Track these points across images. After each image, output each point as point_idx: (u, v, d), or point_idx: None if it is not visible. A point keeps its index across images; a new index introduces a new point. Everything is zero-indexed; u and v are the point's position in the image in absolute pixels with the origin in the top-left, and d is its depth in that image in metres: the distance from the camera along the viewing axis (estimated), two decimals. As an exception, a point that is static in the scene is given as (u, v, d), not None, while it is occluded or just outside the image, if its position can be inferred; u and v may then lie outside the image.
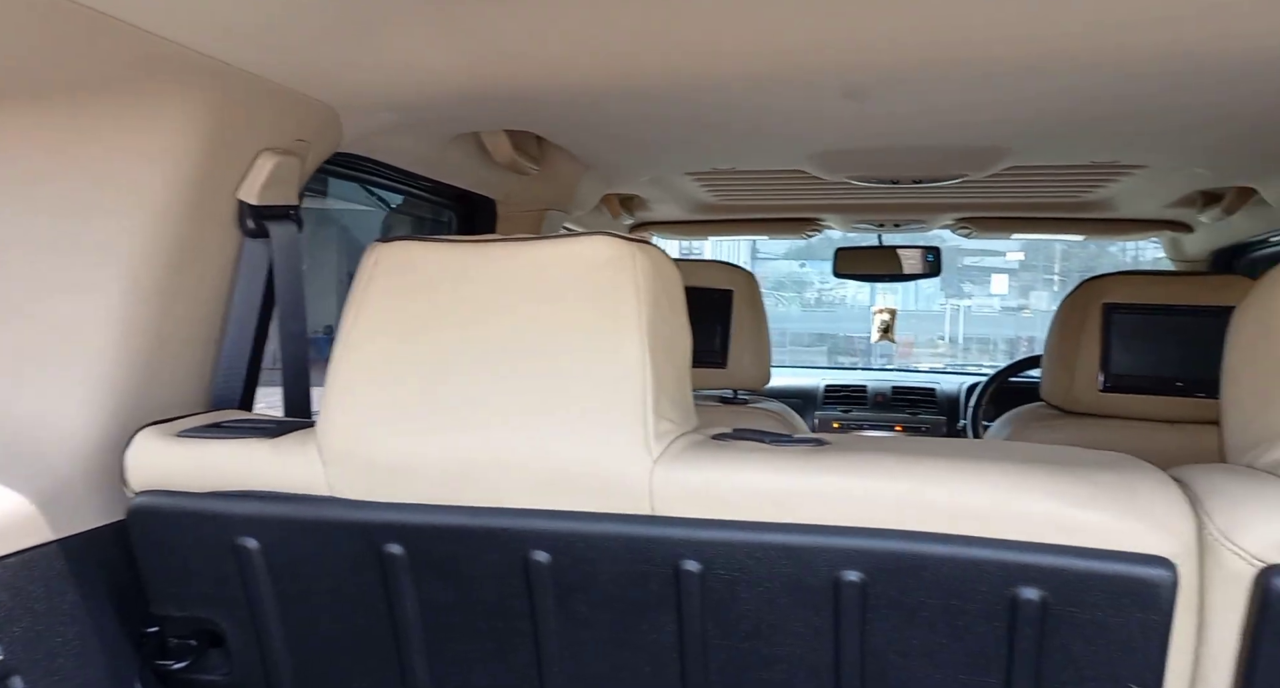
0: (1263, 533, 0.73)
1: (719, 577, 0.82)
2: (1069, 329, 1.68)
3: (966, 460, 0.82)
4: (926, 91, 1.19)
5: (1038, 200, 2.25)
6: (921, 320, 10.21)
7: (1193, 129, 1.42)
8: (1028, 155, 1.66)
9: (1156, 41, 0.98)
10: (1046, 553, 0.76)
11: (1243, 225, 2.11)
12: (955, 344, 10.13)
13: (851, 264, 2.68)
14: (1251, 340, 0.84)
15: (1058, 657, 0.78)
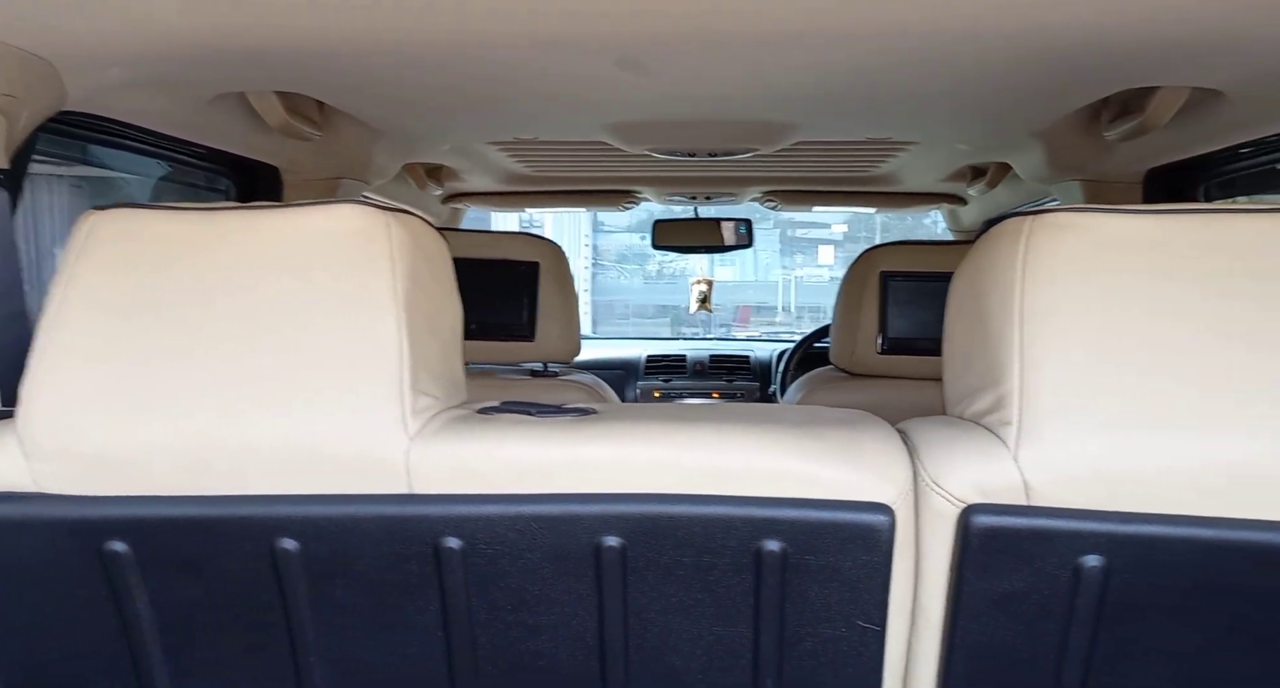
0: (963, 477, 0.81)
1: (481, 552, 0.82)
2: (851, 297, 1.81)
3: (720, 424, 0.86)
4: (703, 64, 1.23)
5: (833, 174, 2.40)
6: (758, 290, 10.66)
7: (949, 107, 1.56)
8: (814, 131, 1.76)
9: (912, 19, 1.04)
10: (787, 507, 0.81)
11: (1005, 197, 2.34)
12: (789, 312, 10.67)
13: (670, 236, 2.76)
14: (962, 302, 0.92)
15: (797, 602, 0.84)
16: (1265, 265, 0.79)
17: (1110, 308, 0.80)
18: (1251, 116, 1.40)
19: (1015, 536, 0.80)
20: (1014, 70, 1.27)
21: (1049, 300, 0.80)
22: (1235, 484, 0.76)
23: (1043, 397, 0.79)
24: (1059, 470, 0.78)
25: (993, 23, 1.05)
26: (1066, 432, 0.78)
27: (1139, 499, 0.78)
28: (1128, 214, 0.83)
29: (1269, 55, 1.13)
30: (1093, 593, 0.81)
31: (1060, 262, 0.81)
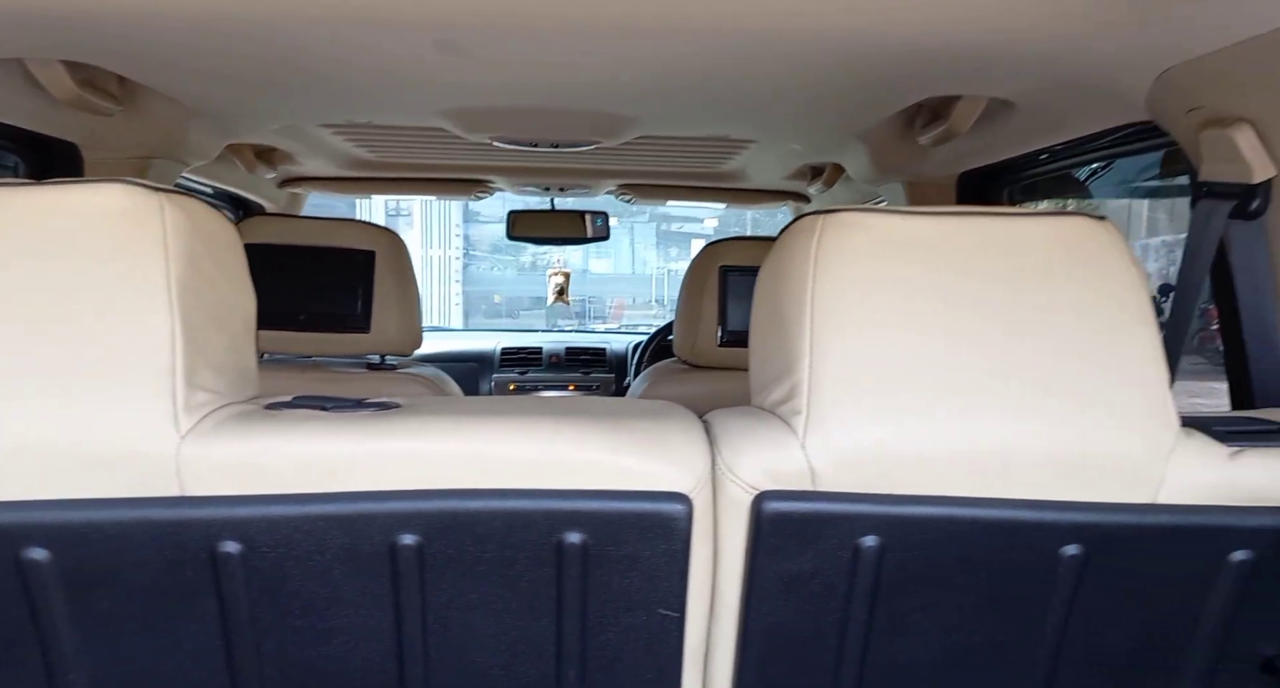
0: (756, 464, 0.83)
1: (264, 556, 0.78)
2: (693, 291, 1.85)
3: (524, 417, 0.85)
4: (532, 52, 1.22)
5: (683, 169, 2.45)
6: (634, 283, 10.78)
7: (780, 108, 1.62)
8: (655, 125, 1.79)
9: (729, 18, 1.06)
10: (588, 499, 0.81)
11: (842, 196, 2.46)
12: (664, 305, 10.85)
13: (526, 227, 2.74)
14: (763, 297, 0.95)
15: (599, 593, 0.84)
16: (1025, 262, 0.86)
17: (891, 302, 0.85)
18: (1041, 126, 1.53)
19: (801, 520, 0.83)
20: (833, 75, 1.33)
21: (837, 295, 0.84)
22: (1002, 463, 0.82)
23: (829, 386, 0.83)
24: (842, 456, 0.82)
25: (811, 27, 1.10)
26: (849, 419, 0.82)
27: (914, 480, 0.83)
28: (906, 215, 0.89)
29: (1050, 69, 1.23)
30: (869, 571, 0.85)
31: (847, 258, 0.85)
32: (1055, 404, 0.82)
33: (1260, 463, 0.83)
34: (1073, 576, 0.85)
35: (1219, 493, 0.83)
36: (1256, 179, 1.03)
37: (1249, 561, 0.84)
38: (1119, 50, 1.11)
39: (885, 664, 0.91)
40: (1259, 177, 1.03)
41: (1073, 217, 0.90)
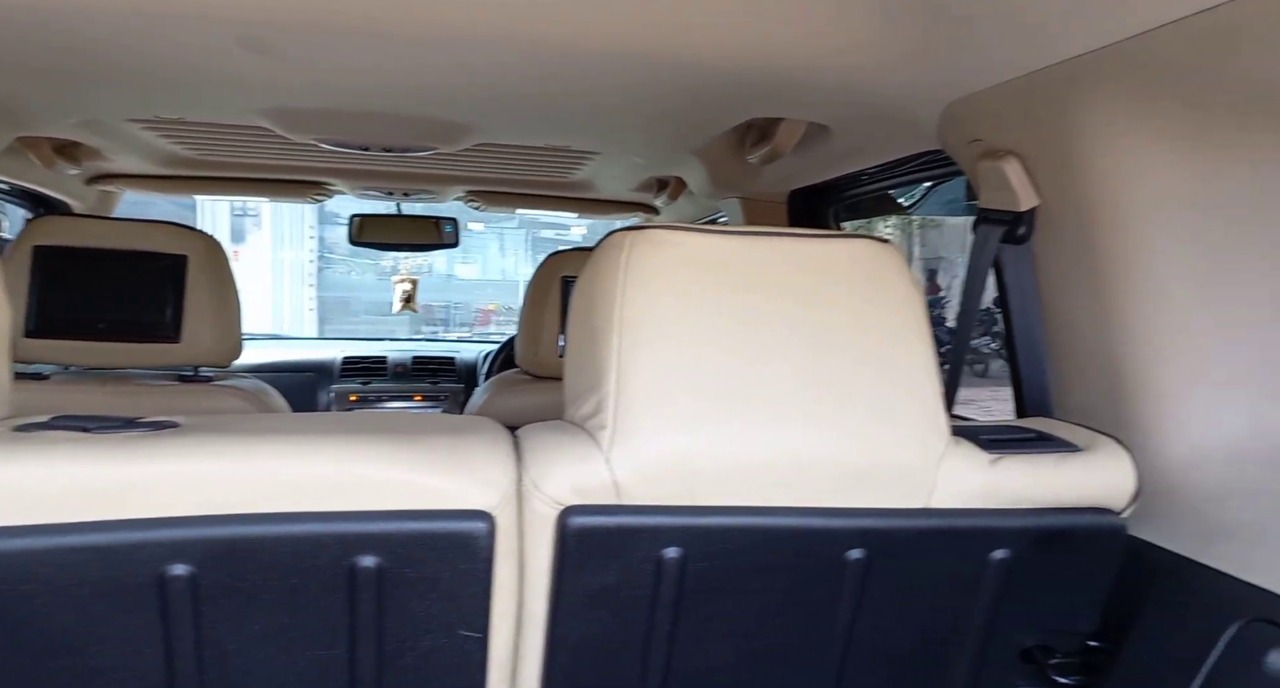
0: (562, 479, 0.83)
1: (10, 592, 0.72)
2: (536, 301, 1.85)
3: (316, 435, 0.81)
4: (349, 55, 1.18)
5: (531, 178, 2.45)
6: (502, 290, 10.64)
7: (616, 122, 1.64)
8: (494, 134, 1.77)
9: (568, 35, 1.06)
10: (384, 520, 0.79)
11: (688, 210, 2.53)
12: (533, 312, 10.76)
13: (370, 233, 2.65)
14: (577, 311, 0.95)
15: (396, 616, 0.82)
16: (818, 280, 0.91)
17: (696, 316, 0.87)
18: (855, 150, 1.63)
19: (606, 533, 0.84)
20: (662, 95, 1.36)
21: (645, 310, 0.86)
22: (797, 473, 0.86)
23: (634, 400, 0.84)
24: (646, 469, 0.84)
25: (638, 50, 1.12)
26: (653, 432, 0.84)
27: (715, 491, 0.86)
28: (710, 234, 0.92)
29: (854, 98, 1.31)
30: (672, 582, 0.87)
31: (654, 275, 0.87)
32: (847, 416, 0.87)
33: (1017, 469, 0.91)
34: (857, 578, 0.90)
35: (982, 497, 0.90)
36: (1023, 207, 1.14)
37: (1007, 559, 0.91)
38: (910, 83, 1.20)
39: (689, 670, 0.93)
40: (1025, 205, 1.13)
41: (860, 239, 0.96)
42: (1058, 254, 1.12)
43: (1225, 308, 1.00)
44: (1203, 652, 0.86)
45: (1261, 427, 0.98)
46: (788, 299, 0.89)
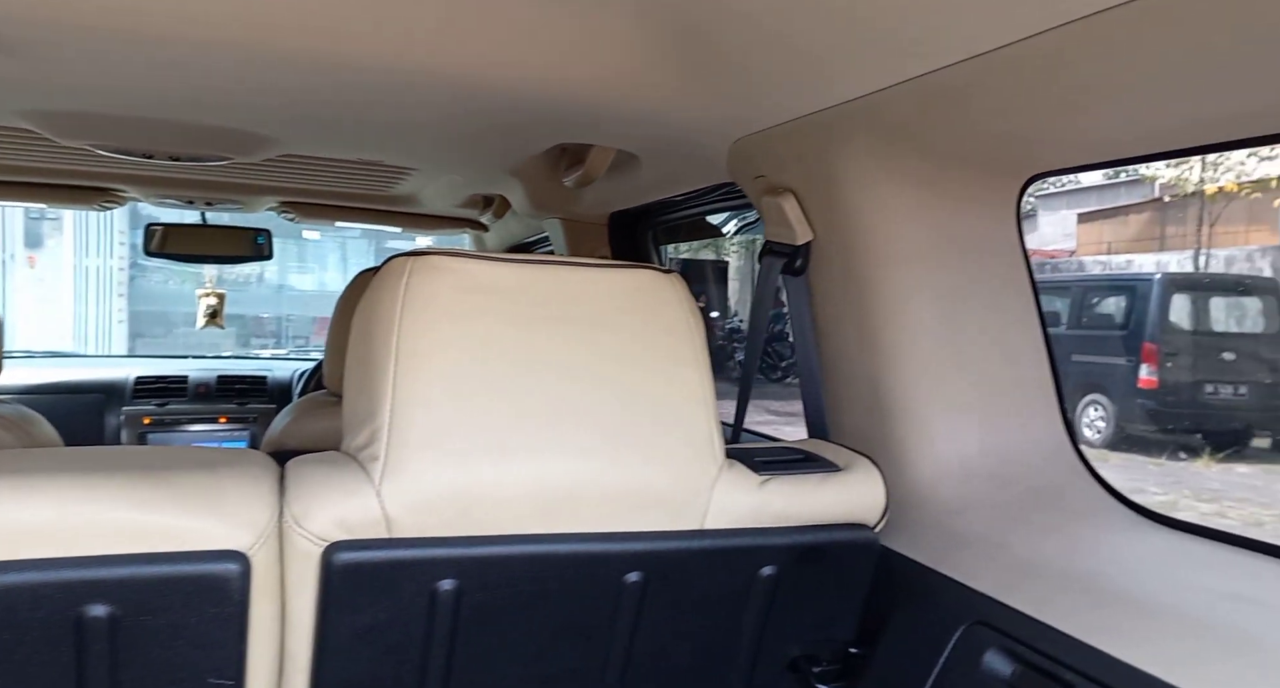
0: (328, 515, 0.80)
1: None
2: (343, 319, 1.77)
3: (36, 475, 0.74)
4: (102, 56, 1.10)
5: (351, 190, 2.36)
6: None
7: (426, 141, 1.61)
8: (296, 147, 1.70)
9: (371, 57, 1.03)
10: (116, 565, 0.73)
11: (516, 228, 2.52)
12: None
13: (171, 244, 2.46)
14: (356, 337, 0.93)
15: (134, 669, 0.76)
16: (598, 310, 0.93)
17: (474, 346, 0.86)
18: (663, 178, 1.68)
19: (375, 569, 0.82)
20: (472, 117, 1.35)
21: (422, 338, 0.84)
22: (572, 500, 0.87)
23: (409, 431, 0.82)
24: (419, 501, 0.82)
25: (443, 72, 1.10)
26: (427, 464, 0.82)
27: (492, 521, 0.85)
28: (492, 261, 0.92)
29: (652, 129, 1.35)
30: (447, 615, 0.86)
31: (433, 302, 0.86)
32: (620, 443, 0.89)
33: (782, 489, 0.97)
34: (635, 600, 0.93)
35: (752, 517, 0.95)
36: (800, 241, 1.21)
37: (774, 574, 0.97)
38: (700, 119, 1.25)
39: None
40: (801, 239, 1.21)
41: (643, 269, 0.99)
42: (829, 286, 1.20)
43: (959, 341, 1.11)
44: (936, 653, 0.94)
45: (986, 446, 1.09)
46: (568, 329, 0.91)
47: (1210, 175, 9.68)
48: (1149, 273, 9.32)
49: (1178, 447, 8.12)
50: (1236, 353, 8.19)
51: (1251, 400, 8.12)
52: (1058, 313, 9.44)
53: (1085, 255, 14.09)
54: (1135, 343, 8.30)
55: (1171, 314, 8.42)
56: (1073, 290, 9.49)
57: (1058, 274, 12.02)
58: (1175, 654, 0.74)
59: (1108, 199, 15.58)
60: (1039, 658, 0.84)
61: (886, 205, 1.10)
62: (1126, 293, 8.77)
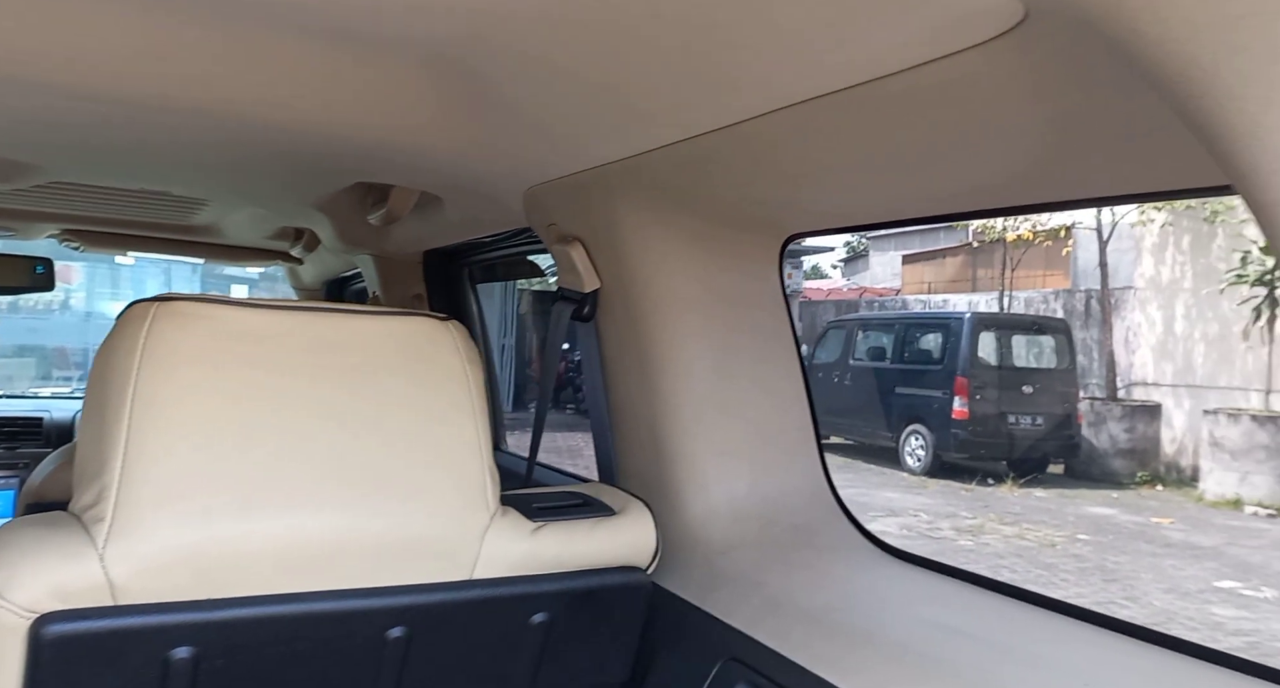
0: (38, 584, 0.73)
1: None
2: None
3: None
4: None
5: (143, 219, 2.21)
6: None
7: (216, 173, 1.54)
8: (65, 175, 1.58)
9: (145, 88, 0.98)
10: None
11: (331, 262, 2.44)
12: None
13: (-71, 270, 2.21)
14: (91, 387, 0.86)
15: None
16: (364, 359, 0.91)
17: (223, 397, 0.82)
18: (470, 219, 1.68)
19: (96, 640, 0.75)
20: (259, 151, 1.30)
21: (163, 387, 0.79)
22: (327, 556, 0.84)
23: (142, 488, 0.77)
24: (150, 564, 0.77)
25: (228, 108, 1.05)
26: (161, 524, 0.77)
27: (236, 582, 0.80)
28: (249, 307, 0.88)
29: (452, 173, 1.35)
30: (183, 684, 0.81)
31: (179, 350, 0.81)
32: (384, 493, 0.87)
33: (555, 536, 0.97)
34: (398, 656, 0.90)
35: (524, 564, 0.95)
36: (587, 289, 1.24)
37: (546, 622, 0.97)
38: (493, 166, 1.27)
39: None
40: (588, 287, 1.24)
41: (416, 316, 0.97)
42: (615, 333, 1.24)
43: (730, 389, 1.17)
44: (697, 686, 0.97)
45: (754, 489, 1.15)
46: (329, 378, 0.88)
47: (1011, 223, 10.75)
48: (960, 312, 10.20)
49: (986, 473, 8.86)
50: (1034, 386, 9.07)
51: (1046, 430, 9.00)
52: (884, 348, 10.14)
53: (909, 294, 15.25)
54: (949, 377, 9.03)
55: (980, 350, 9.24)
56: (896, 327, 10.24)
57: (884, 311, 12.94)
58: (885, 681, 0.80)
59: (929, 242, 16.98)
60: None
61: (663, 258, 1.14)
62: (942, 330, 9.56)
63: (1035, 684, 0.74)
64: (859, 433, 10.14)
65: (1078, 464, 9.17)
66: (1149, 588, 5.43)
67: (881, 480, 8.83)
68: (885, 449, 9.66)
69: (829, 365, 10.44)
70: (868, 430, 9.95)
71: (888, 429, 9.58)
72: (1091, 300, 10.55)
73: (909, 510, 7.26)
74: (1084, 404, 9.28)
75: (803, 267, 14.79)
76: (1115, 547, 6.44)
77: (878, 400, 9.66)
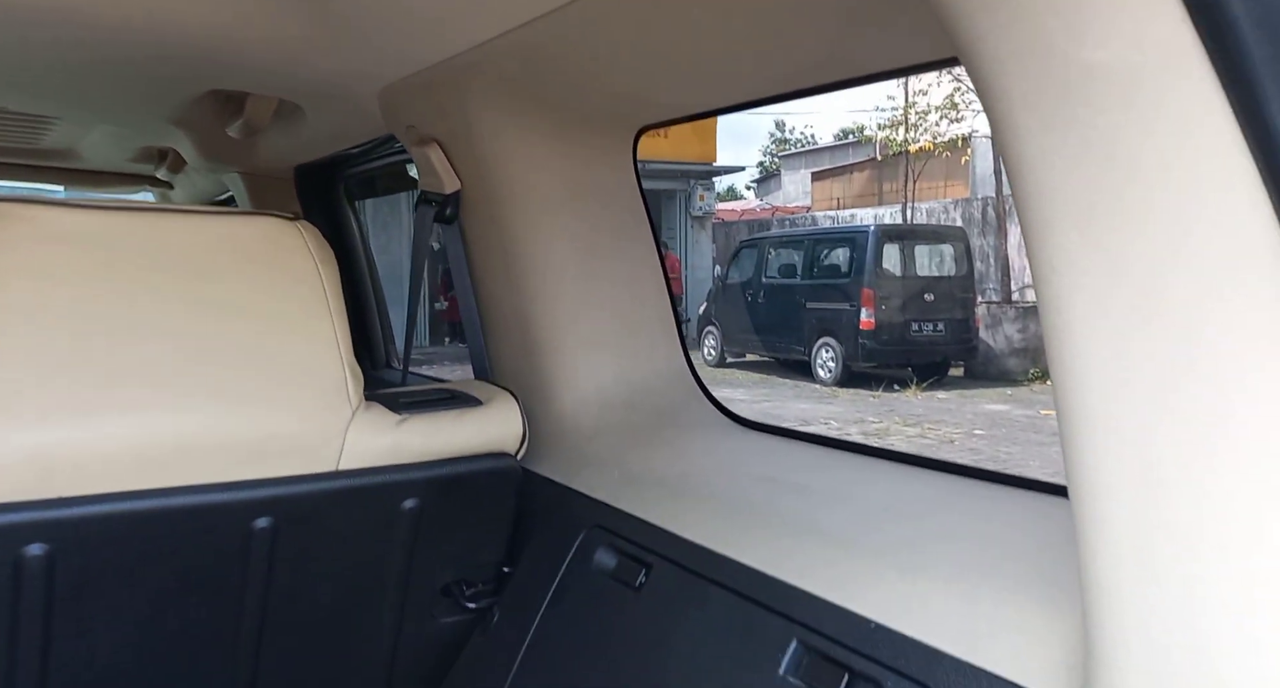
0: None
1: None
2: None
3: None
4: None
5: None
6: None
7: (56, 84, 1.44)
8: None
9: None
10: None
11: (202, 183, 2.33)
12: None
13: None
14: None
15: None
16: (205, 260, 0.89)
17: (54, 302, 0.80)
18: (335, 129, 1.63)
19: None
20: (103, 56, 1.22)
21: None
22: (178, 454, 0.84)
23: None
24: None
25: (47, 4, 0.99)
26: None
27: (80, 483, 0.80)
28: (76, 208, 0.85)
29: (305, 76, 1.31)
30: (38, 584, 0.81)
31: (6, 251, 0.79)
32: (233, 393, 0.87)
33: (420, 427, 1.00)
34: (266, 547, 0.92)
35: (391, 454, 0.98)
36: (448, 190, 1.24)
37: (417, 508, 1.00)
38: (346, 65, 1.23)
39: (75, 671, 0.88)
40: (449, 188, 1.24)
41: (262, 217, 0.96)
42: (480, 234, 1.25)
43: (593, 284, 1.20)
44: (562, 558, 1.03)
45: (620, 377, 1.20)
46: (168, 278, 0.87)
47: (912, 136, 10.97)
48: (866, 225, 10.46)
49: (892, 380, 9.28)
50: (935, 294, 9.45)
51: (947, 335, 9.43)
52: (794, 265, 10.35)
53: (819, 210, 15.51)
54: (857, 289, 9.31)
55: (884, 262, 9.53)
56: (805, 244, 10.44)
57: (793, 229, 13.16)
58: (723, 529, 0.87)
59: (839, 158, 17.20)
60: (633, 548, 0.95)
61: (520, 156, 1.15)
62: (848, 244, 9.79)
63: (845, 516, 0.82)
64: (774, 349, 10.42)
65: (976, 366, 9.67)
66: (1035, 473, 5.87)
67: (796, 393, 9.15)
68: (800, 363, 9.98)
69: (742, 285, 10.61)
70: (782, 346, 10.23)
71: (800, 344, 9.87)
72: (988, 208, 10.95)
73: (820, 419, 7.58)
74: (981, 308, 9.74)
75: (714, 188, 14.82)
76: (1009, 438, 6.89)
77: (790, 316, 9.91)
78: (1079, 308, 0.47)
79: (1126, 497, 0.47)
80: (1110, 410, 0.47)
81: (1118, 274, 0.46)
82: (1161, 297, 0.45)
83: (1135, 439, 0.46)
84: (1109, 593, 0.49)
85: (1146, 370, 0.45)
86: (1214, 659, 0.44)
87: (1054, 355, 0.50)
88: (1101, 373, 0.47)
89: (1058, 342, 0.49)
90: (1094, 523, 0.49)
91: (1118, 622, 0.49)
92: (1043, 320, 0.50)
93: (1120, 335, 0.46)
